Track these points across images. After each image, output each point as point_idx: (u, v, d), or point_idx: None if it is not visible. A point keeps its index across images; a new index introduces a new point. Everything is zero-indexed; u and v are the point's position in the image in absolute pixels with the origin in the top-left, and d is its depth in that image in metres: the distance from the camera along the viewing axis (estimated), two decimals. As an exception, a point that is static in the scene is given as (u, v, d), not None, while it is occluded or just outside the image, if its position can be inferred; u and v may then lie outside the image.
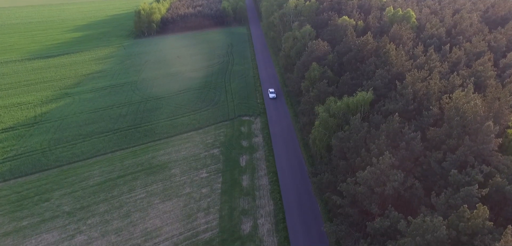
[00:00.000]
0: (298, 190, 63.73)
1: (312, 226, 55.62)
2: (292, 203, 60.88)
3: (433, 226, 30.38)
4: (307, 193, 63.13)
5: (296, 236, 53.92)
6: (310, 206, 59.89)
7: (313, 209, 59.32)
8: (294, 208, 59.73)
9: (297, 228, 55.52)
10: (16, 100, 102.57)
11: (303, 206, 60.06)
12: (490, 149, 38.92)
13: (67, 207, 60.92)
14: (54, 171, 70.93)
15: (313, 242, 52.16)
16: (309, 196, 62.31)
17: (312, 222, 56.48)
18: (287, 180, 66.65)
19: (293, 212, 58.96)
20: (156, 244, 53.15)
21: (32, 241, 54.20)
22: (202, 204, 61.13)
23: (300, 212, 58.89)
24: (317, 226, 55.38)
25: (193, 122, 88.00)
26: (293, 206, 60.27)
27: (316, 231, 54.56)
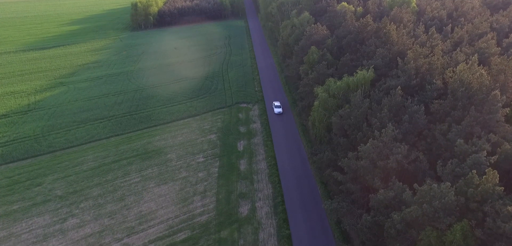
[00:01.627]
0: (297, 174, 62.12)
1: (312, 208, 54.03)
2: (291, 186, 59.28)
3: (440, 193, 28.82)
4: (307, 176, 61.55)
5: (295, 218, 52.34)
6: (310, 189, 58.32)
7: (312, 191, 57.76)
8: (293, 191, 58.13)
9: (296, 210, 53.92)
10: (9, 89, 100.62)
11: (302, 189, 58.47)
12: (497, 119, 37.40)
13: (59, 191, 59.12)
14: (46, 156, 69.11)
15: (313, 223, 50.59)
16: (308, 179, 60.74)
17: (312, 204, 54.89)
18: (285, 164, 65.04)
19: (292, 195, 57.36)
20: (151, 227, 51.44)
21: (22, 224, 52.44)
22: (198, 187, 59.44)
23: (299, 194, 57.30)
24: (317, 208, 53.81)
25: (189, 109, 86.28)
26: (292, 189, 58.67)
27: (316, 213, 52.98)
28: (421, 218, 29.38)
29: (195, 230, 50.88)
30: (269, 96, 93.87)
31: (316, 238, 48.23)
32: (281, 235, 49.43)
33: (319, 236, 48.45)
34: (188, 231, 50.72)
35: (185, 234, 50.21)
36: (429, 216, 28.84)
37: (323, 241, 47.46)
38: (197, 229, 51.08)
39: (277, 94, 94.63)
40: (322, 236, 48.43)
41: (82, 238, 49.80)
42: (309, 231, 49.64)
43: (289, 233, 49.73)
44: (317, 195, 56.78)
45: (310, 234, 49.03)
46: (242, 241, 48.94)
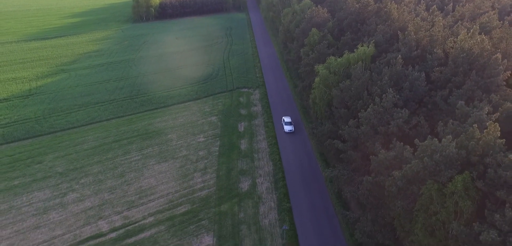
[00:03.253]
0: (298, 152, 62.04)
1: (312, 183, 53.93)
2: (291, 164, 59.18)
3: (441, 146, 28.62)
4: (307, 154, 61.43)
5: (296, 193, 52.23)
6: (310, 165, 58.22)
7: (313, 168, 57.66)
8: (293, 168, 58.04)
9: (297, 185, 53.81)
10: (11, 75, 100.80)
11: (303, 166, 58.39)
12: (498, 82, 37.14)
13: (59, 168, 59.18)
14: (47, 136, 69.20)
15: (314, 197, 50.43)
16: (309, 157, 60.63)
17: (312, 179, 54.79)
18: (286, 144, 64.96)
19: (292, 171, 57.28)
20: (151, 201, 51.42)
21: (23, 198, 52.51)
22: (198, 165, 59.39)
23: (300, 171, 57.21)
24: (317, 184, 53.68)
25: (190, 93, 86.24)
26: (292, 166, 58.56)
27: (317, 187, 52.85)
28: (422, 172, 29.18)
29: (195, 203, 50.81)
30: (270, 82, 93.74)
31: (316, 210, 48.12)
32: (282, 208, 49.33)
33: (319, 208, 48.34)
34: (188, 204, 50.66)
35: (185, 207, 50.16)
36: (430, 170, 28.65)
37: (323, 212, 47.35)
38: (197, 203, 51.01)
39: (277, 80, 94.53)
40: (322, 207, 48.31)
41: (82, 211, 49.81)
42: (310, 204, 49.54)
43: (289, 206, 49.62)
44: (318, 171, 56.64)
45: (311, 206, 48.93)
46: (242, 214, 48.86)
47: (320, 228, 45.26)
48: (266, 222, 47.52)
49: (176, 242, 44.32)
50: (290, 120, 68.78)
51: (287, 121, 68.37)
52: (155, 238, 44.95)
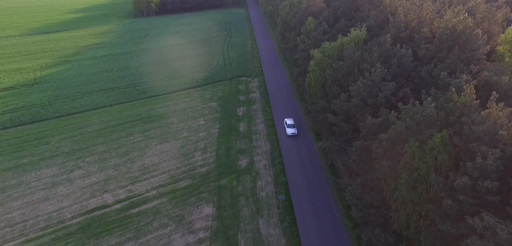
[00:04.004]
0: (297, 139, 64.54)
1: (308, 160, 56.50)
2: (288, 144, 61.70)
3: (422, 108, 31.22)
4: (303, 135, 63.99)
5: (292, 169, 54.75)
6: (306, 146, 60.78)
7: (308, 147, 60.24)
8: (290, 147, 60.57)
9: (293, 162, 56.35)
10: (16, 66, 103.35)
11: (299, 146, 60.93)
12: (478, 56, 39.74)
13: (66, 148, 61.72)
14: (53, 120, 71.75)
15: (309, 173, 53.02)
16: (305, 138, 63.18)
17: (308, 157, 57.36)
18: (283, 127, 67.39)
19: (289, 149, 59.83)
20: (154, 177, 53.93)
21: (31, 174, 55.03)
22: (199, 144, 61.95)
23: (296, 149, 59.77)
24: (312, 160, 56.25)
25: (191, 81, 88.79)
26: (289, 146, 61.11)
27: (312, 164, 55.43)
28: (405, 132, 31.76)
29: (196, 179, 53.35)
30: (268, 71, 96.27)
31: (311, 183, 50.71)
32: (278, 182, 51.88)
33: (313, 181, 50.95)
34: (189, 179, 53.19)
35: (186, 182, 52.69)
36: (412, 130, 31.23)
37: (317, 184, 49.98)
38: (197, 178, 53.55)
39: (275, 69, 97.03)
40: (316, 180, 50.93)
41: (88, 185, 52.34)
42: (305, 178, 52.13)
43: (285, 180, 52.18)
44: (313, 150, 59.26)
45: (305, 179, 51.52)
46: (241, 188, 51.42)
47: (314, 198, 47.85)
48: (263, 194, 50.07)
49: (178, 212, 46.80)
50: (293, 123, 64.60)
51: (289, 124, 64.15)
52: (158, 209, 47.47)
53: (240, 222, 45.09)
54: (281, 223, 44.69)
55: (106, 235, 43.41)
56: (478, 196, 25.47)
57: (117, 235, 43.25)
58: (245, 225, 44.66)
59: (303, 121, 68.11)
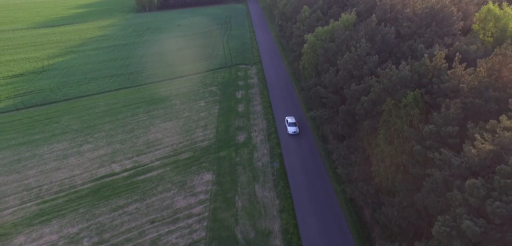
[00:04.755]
0: (290, 111, 68.50)
1: (302, 135, 60.47)
2: (283, 122, 65.62)
3: (398, 71, 35.20)
4: (297, 112, 67.97)
5: (286, 142, 58.68)
6: (300, 122, 64.68)
7: (302, 124, 64.16)
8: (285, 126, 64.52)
9: (287, 137, 60.28)
10: (24, 56, 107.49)
11: (293, 123, 64.91)
12: (453, 31, 43.69)
13: (75, 126, 65.83)
14: (62, 103, 75.87)
15: (302, 145, 57.01)
16: (299, 116, 67.13)
17: (302, 132, 61.30)
18: (279, 108, 71.31)
19: (284, 127, 63.72)
20: (158, 150, 57.92)
21: (44, 148, 59.09)
22: (200, 123, 65.97)
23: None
24: (305, 135, 60.22)
25: (192, 69, 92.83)
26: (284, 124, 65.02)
27: (305, 138, 59.39)
28: (383, 93, 35.71)
29: (197, 151, 57.36)
30: (266, 60, 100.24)
31: (304, 153, 54.72)
32: (273, 153, 55.86)
33: (305, 151, 54.98)
34: (190, 152, 57.20)
35: (187, 154, 56.69)
36: (389, 90, 35.19)
37: (309, 154, 54.03)
38: (198, 151, 57.56)
39: (273, 58, 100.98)
40: (309, 150, 54.95)
41: (97, 157, 56.39)
42: (298, 150, 56.11)
43: (280, 152, 56.16)
44: (306, 124, 63.25)
45: (298, 151, 55.52)
46: (238, 158, 55.42)
47: (306, 166, 51.85)
48: (259, 164, 54.05)
49: (180, 179, 50.81)
50: (294, 121, 61.31)
51: (291, 122, 60.97)
52: (162, 176, 51.49)
53: (237, 186, 49.07)
54: (276, 187, 48.66)
55: (115, 197, 47.42)
56: (441, 140, 29.42)
57: (124, 197, 47.26)
58: (242, 189, 48.63)
59: (297, 101, 72.05)
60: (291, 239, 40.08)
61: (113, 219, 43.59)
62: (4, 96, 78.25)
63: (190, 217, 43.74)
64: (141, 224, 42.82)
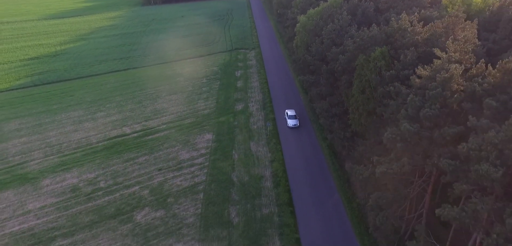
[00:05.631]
0: (285, 88, 74.83)
1: (294, 102, 66.93)
2: (278, 93, 72.06)
3: (369, 32, 41.46)
4: (290, 84, 74.35)
5: (280, 110, 65.01)
6: (293, 93, 71.10)
7: (294, 94, 70.56)
8: (279, 97, 70.92)
9: (281, 105, 66.66)
10: (37, 42, 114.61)
11: (287, 95, 71.23)
12: (424, 4, 49.88)
13: (88, 99, 72.55)
14: (75, 80, 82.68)
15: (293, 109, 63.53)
16: (291, 86, 73.53)
17: (293, 101, 67.71)
18: (275, 84, 77.63)
19: (278, 98, 70.17)
20: (164, 116, 64.44)
21: (62, 115, 65.81)
22: (202, 95, 72.47)
23: (284, 97, 70.09)
24: (297, 102, 66.65)
25: (195, 52, 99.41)
26: (278, 96, 71.45)
27: (296, 103, 65.84)
28: (356, 51, 41.89)
29: (199, 117, 63.83)
30: (264, 45, 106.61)
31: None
32: (267, 118, 62.24)
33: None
34: (193, 118, 63.68)
35: (190, 120, 63.17)
36: (361, 48, 41.40)
37: (299, 113, 60.47)
38: (200, 117, 64.03)
39: (271, 43, 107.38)
40: (299, 114, 61.35)
41: (109, 122, 63.00)
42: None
43: (273, 117, 62.56)
44: (297, 95, 69.67)
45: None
46: (236, 122, 61.83)
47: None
48: (254, 127, 60.43)
49: (184, 138, 57.30)
50: (294, 114, 59.39)
51: (291, 115, 59.14)
52: (167, 136, 57.98)
53: (234, 143, 55.49)
54: (268, 144, 55.04)
55: (126, 152, 53.98)
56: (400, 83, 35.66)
57: (134, 152, 53.81)
58: (239, 145, 55.04)
59: (291, 76, 78.44)
60: (280, 181, 46.46)
61: (125, 168, 50.10)
62: (23, 75, 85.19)
63: (192, 166, 50.19)
64: (150, 171, 49.29)
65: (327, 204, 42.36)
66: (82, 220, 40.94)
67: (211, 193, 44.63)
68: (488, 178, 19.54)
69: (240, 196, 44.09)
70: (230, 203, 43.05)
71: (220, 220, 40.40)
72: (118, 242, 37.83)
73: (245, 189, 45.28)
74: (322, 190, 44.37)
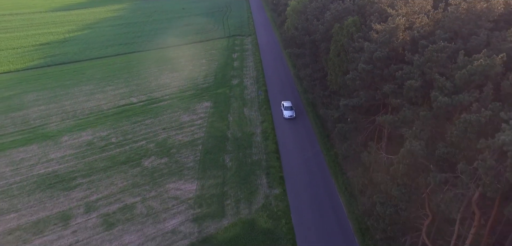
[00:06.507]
0: (277, 67, 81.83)
1: (284, 75, 73.97)
2: (270, 70, 79.01)
3: (343, 3, 48.44)
4: (282, 64, 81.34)
5: (272, 82, 72.03)
6: (283, 68, 78.05)
7: (285, 69, 77.53)
8: (271, 72, 77.94)
9: (272, 79, 73.71)
10: (47, 31, 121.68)
11: (278, 71, 78.28)
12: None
13: (98, 76, 79.57)
14: (85, 62, 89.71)
15: (283, 80, 70.63)
16: (283, 66, 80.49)
17: (284, 76, 74.74)
18: (268, 63, 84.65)
19: (270, 73, 77.13)
20: (167, 89, 71.36)
21: (74, 89, 72.81)
22: (201, 73, 79.47)
23: (276, 72, 77.13)
24: (287, 76, 73.68)
25: (195, 38, 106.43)
26: (270, 71, 78.44)
27: (286, 76, 72.83)
28: (333, 20, 48.91)
29: (198, 90, 70.80)
30: (260, 32, 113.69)
31: (283, 83, 68.27)
32: (260, 90, 69.27)
33: (285, 83, 68.48)
34: (193, 91, 70.65)
35: (191, 92, 70.13)
36: (337, 18, 48.39)
37: (287, 83, 67.49)
38: (199, 90, 71.01)
39: (267, 31, 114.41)
40: (287, 81, 68.39)
41: (118, 94, 69.97)
42: (280, 84, 69.50)
43: (266, 89, 69.56)
44: (288, 70, 76.69)
45: (280, 84, 68.96)
46: (232, 93, 68.83)
47: (284, 90, 65.30)
48: (248, 97, 67.41)
49: (185, 105, 64.26)
50: (291, 105, 58.55)
51: (287, 106, 58.43)
52: (170, 104, 64.94)
53: (230, 109, 62.48)
54: (259, 109, 62.03)
55: (134, 116, 60.95)
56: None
57: (141, 116, 60.77)
58: (234, 111, 62.04)
59: (283, 58, 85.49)
60: (268, 136, 53.41)
61: (133, 128, 57.10)
62: (36, 57, 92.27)
63: (193, 126, 57.19)
64: (155, 130, 56.26)
65: (309, 153, 49.40)
66: (98, 165, 47.91)
67: (209, 146, 51.61)
68: (411, 88, 26.53)
69: (234, 147, 51.08)
70: (225, 152, 50.03)
71: (216, 164, 47.39)
72: (130, 180, 44.76)
73: (238, 142, 52.28)
74: (306, 143, 51.42)
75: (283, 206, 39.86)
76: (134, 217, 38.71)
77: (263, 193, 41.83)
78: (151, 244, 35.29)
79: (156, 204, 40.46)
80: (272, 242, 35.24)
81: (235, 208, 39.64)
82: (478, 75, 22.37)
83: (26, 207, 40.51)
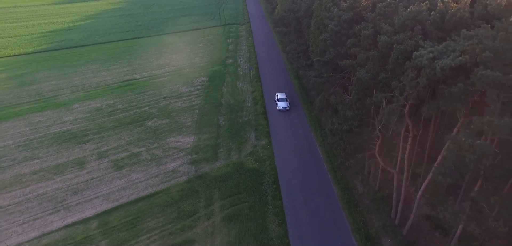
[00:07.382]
0: (268, 49, 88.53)
1: (274, 55, 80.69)
2: (262, 51, 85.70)
3: (322, -17, 55.22)
4: (273, 47, 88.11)
5: (264, 64, 78.72)
6: (275, 51, 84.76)
7: (274, 49, 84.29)
8: (262, 53, 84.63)
9: (263, 58, 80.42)
10: (51, 20, 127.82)
11: (270, 52, 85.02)
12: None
13: (103, 57, 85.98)
14: (89, 47, 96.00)
15: (272, 58, 77.32)
16: (274, 49, 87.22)
17: (274, 51, 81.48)
18: (260, 45, 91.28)
19: (262, 54, 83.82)
20: (166, 68, 77.83)
21: (81, 68, 79.18)
22: (198, 54, 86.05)
23: (267, 52, 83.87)
24: (277, 58, 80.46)
25: (192, 27, 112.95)
26: (262, 53, 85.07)
27: (275, 53, 79.64)
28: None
29: (196, 68, 77.36)
30: (254, 22, 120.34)
31: (272, 60, 74.94)
32: (252, 66, 75.99)
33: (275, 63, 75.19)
34: (191, 69, 77.20)
35: (189, 69, 76.66)
36: (317, -5, 55.18)
37: (276, 59, 74.26)
38: (197, 68, 77.57)
39: (261, 21, 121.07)
40: (275, 57, 75.14)
41: (122, 72, 76.42)
42: (269, 63, 76.30)
43: (257, 66, 76.29)
44: (278, 51, 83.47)
45: (269, 63, 75.72)
46: (226, 70, 75.47)
47: (273, 65, 72.08)
48: (241, 73, 74.06)
49: (183, 80, 70.79)
50: (285, 97, 58.13)
51: (281, 98, 57.89)
52: (170, 80, 71.45)
53: (224, 82, 69.10)
54: (251, 82, 68.70)
55: (137, 88, 67.44)
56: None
57: (144, 89, 67.23)
58: (227, 84, 68.66)
59: (274, 41, 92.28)
60: (258, 102, 60.03)
61: (137, 97, 63.58)
62: (43, 43, 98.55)
63: (190, 95, 63.76)
64: (156, 99, 62.75)
65: (293, 114, 56.11)
66: (106, 125, 54.40)
67: (205, 110, 58.20)
68: (365, 36, 33.27)
69: (227, 111, 57.73)
70: (219, 115, 56.65)
71: (211, 123, 54.01)
72: (135, 136, 51.27)
73: (231, 107, 58.94)
74: (291, 107, 58.14)
75: (268, 152, 46.53)
76: (140, 161, 45.23)
77: (251, 144, 48.48)
78: (155, 180, 41.81)
79: (158, 152, 47.00)
80: (257, 177, 41.89)
81: (227, 154, 46.26)
82: (410, 20, 29.14)
83: (46, 156, 46.95)
